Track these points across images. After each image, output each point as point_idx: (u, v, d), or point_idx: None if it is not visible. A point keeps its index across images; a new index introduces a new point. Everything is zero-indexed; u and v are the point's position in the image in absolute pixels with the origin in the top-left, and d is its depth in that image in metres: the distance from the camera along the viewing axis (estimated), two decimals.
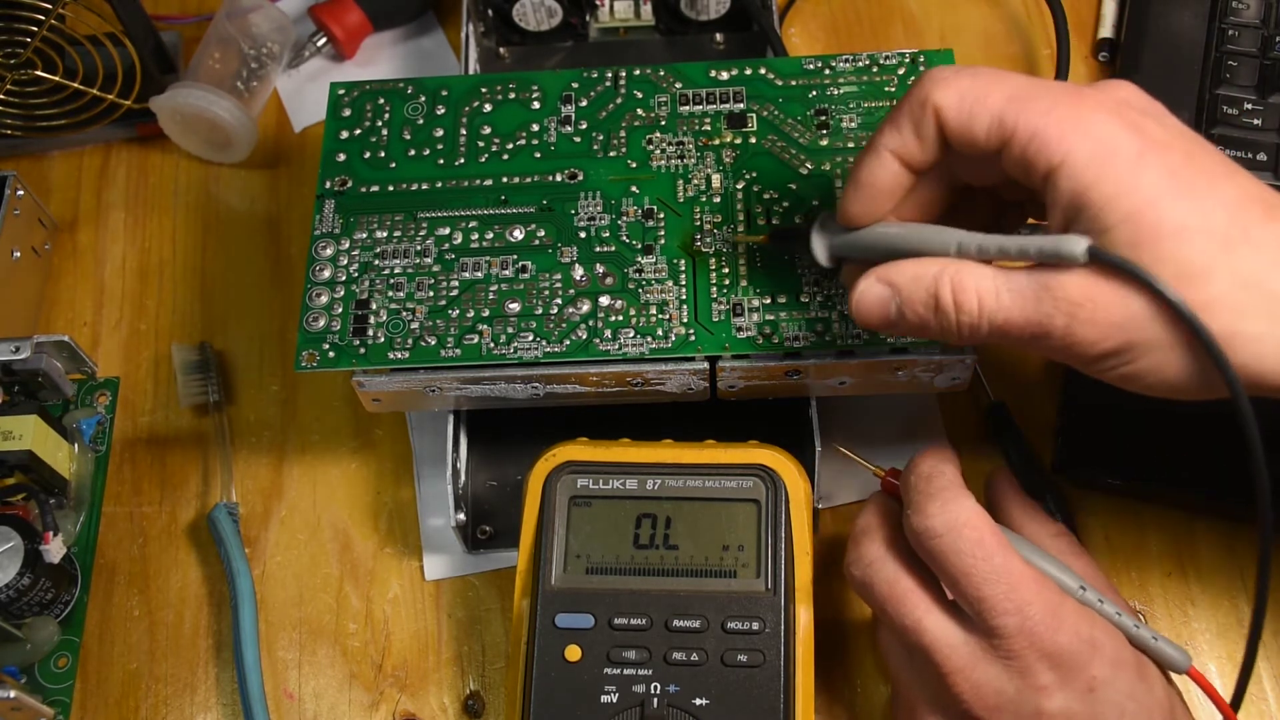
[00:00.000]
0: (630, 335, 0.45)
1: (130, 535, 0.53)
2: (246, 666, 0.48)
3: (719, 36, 0.61)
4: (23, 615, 0.49)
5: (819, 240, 0.42)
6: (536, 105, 0.51)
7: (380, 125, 0.51)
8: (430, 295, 0.47)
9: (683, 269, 0.46)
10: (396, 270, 0.47)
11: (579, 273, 0.47)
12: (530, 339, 0.45)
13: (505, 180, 0.49)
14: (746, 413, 0.50)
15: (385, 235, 0.48)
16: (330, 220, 0.49)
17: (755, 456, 0.44)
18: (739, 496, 0.44)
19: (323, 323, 0.46)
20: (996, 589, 0.37)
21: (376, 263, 0.48)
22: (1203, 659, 0.48)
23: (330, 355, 0.46)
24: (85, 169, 0.62)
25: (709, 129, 0.50)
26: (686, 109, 0.50)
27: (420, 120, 0.51)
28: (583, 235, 0.48)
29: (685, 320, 0.45)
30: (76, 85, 0.59)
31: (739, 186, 0.48)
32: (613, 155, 0.49)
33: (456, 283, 0.47)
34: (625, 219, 0.48)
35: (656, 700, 0.41)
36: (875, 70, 0.50)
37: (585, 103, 0.51)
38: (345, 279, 0.47)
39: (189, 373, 0.55)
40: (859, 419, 0.52)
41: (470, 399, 0.48)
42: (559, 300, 0.46)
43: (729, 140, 0.49)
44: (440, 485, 0.50)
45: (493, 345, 0.45)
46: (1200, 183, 0.35)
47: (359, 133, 0.51)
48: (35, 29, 0.57)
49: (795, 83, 0.50)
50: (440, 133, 0.50)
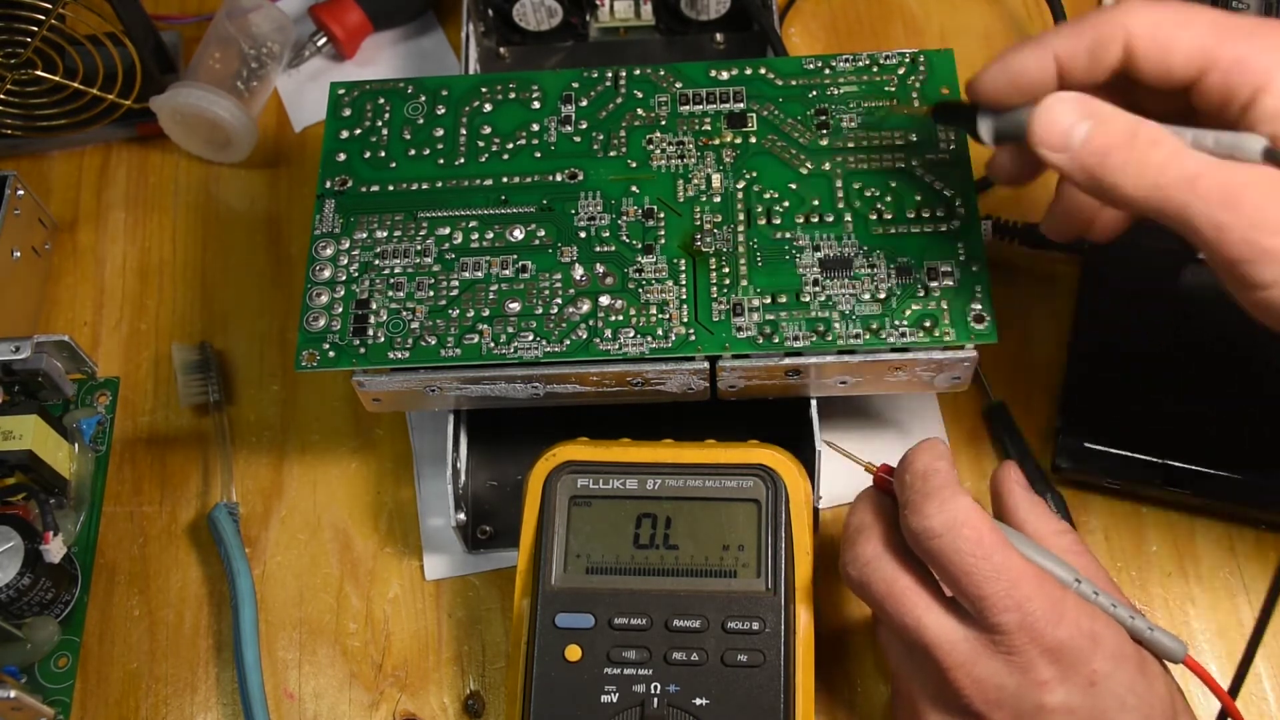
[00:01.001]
0: (630, 335, 0.45)
1: (130, 535, 0.53)
2: (247, 666, 0.48)
3: (719, 36, 0.61)
4: (23, 615, 0.49)
5: (985, 118, 0.42)
6: (536, 105, 0.51)
7: (380, 125, 0.51)
8: (430, 295, 0.47)
9: (683, 269, 0.46)
10: (397, 270, 0.47)
11: (579, 272, 0.47)
12: (530, 339, 0.45)
13: (505, 180, 0.49)
14: (746, 413, 0.50)
15: (385, 235, 0.48)
16: (330, 220, 0.49)
17: (755, 456, 0.44)
18: (739, 496, 0.44)
19: (323, 322, 0.46)
20: (997, 587, 0.37)
21: (377, 262, 0.48)
22: (1203, 659, 0.47)
23: (330, 355, 0.46)
24: (85, 169, 0.62)
25: (709, 129, 0.50)
26: (686, 109, 0.50)
27: (420, 120, 0.51)
28: (583, 235, 0.48)
29: (685, 320, 0.45)
30: (76, 85, 0.59)
31: (739, 186, 0.48)
32: (613, 155, 0.49)
33: (456, 282, 0.47)
34: (625, 219, 0.48)
35: (656, 700, 0.41)
36: (875, 70, 0.50)
37: (585, 102, 0.51)
38: (345, 279, 0.47)
39: (189, 372, 0.55)
40: (859, 419, 0.52)
41: (470, 399, 0.48)
42: (559, 300, 0.46)
43: (729, 140, 0.49)
44: (440, 485, 0.50)
45: (493, 345, 0.45)
46: None
47: (359, 132, 0.51)
48: (35, 29, 0.57)
49: (795, 82, 0.50)
50: (440, 132, 0.50)
